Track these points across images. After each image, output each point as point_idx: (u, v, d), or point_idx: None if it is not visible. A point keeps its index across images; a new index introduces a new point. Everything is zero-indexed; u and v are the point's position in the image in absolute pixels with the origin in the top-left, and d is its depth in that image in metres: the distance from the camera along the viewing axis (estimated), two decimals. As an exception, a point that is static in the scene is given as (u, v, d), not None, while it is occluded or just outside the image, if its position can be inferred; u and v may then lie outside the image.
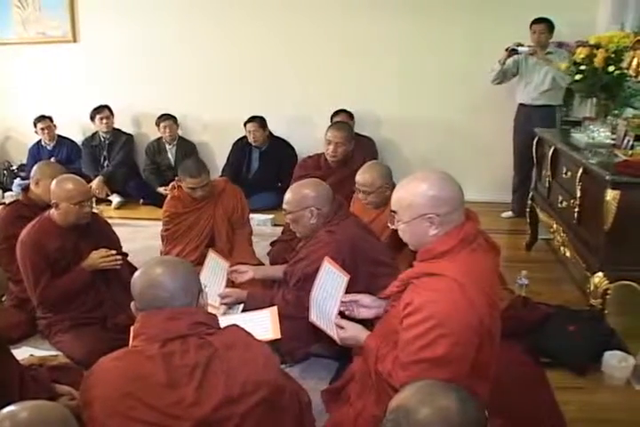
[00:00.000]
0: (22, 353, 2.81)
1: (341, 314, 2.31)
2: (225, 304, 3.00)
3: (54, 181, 3.04)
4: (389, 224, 2.04)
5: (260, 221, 5.13)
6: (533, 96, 5.08)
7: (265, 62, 6.00)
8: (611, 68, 3.60)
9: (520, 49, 4.95)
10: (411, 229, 1.93)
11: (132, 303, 1.73)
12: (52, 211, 3.06)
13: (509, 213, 5.46)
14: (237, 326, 1.77)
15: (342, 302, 2.32)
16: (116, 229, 3.54)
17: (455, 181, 1.95)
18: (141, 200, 6.03)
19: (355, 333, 2.16)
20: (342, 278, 2.38)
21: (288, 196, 2.90)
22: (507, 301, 3.27)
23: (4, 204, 4.35)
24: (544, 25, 4.90)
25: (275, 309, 2.65)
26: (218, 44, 6.05)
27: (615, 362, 2.86)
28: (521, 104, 5.22)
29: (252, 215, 4.39)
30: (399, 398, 1.38)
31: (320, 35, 5.82)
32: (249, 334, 1.76)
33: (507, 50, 4.99)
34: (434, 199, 1.87)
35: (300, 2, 5.80)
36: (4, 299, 3.43)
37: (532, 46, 4.92)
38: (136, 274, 1.74)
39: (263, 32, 5.93)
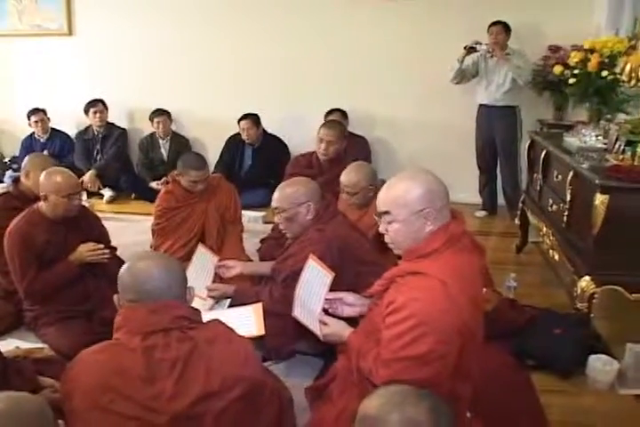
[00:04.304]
0: (8, 345, 2.82)
1: (325, 311, 2.31)
2: (212, 297, 3.00)
3: (43, 174, 3.03)
4: (380, 230, 2.01)
5: (252, 218, 5.13)
6: (496, 97, 5.18)
7: (260, 60, 6.00)
8: (604, 73, 3.62)
9: (478, 47, 5.06)
10: (407, 227, 1.90)
11: (115, 296, 1.73)
12: (41, 203, 3.05)
13: (483, 213, 5.54)
14: (219, 321, 1.77)
15: (326, 299, 2.31)
16: (108, 224, 3.54)
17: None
18: (133, 195, 6.02)
19: (337, 329, 2.16)
20: (327, 277, 2.38)
21: (280, 194, 2.88)
22: (494, 303, 3.26)
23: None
24: (500, 26, 5.02)
25: (259, 305, 2.64)
26: (213, 41, 6.06)
27: (600, 366, 2.86)
28: (482, 105, 5.32)
29: (243, 212, 4.38)
30: (368, 407, 1.34)
31: (315, 34, 5.84)
32: (231, 329, 1.76)
33: (465, 48, 5.09)
34: (429, 194, 1.88)
35: (295, 0, 5.82)
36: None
37: (490, 45, 5.03)
38: (123, 267, 1.74)
39: (259, 29, 5.94)
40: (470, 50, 5.09)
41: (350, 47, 5.78)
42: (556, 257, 3.54)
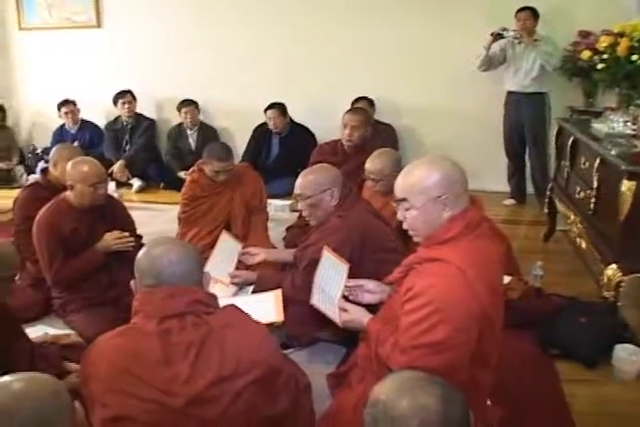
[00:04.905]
0: (37, 331, 2.87)
1: (346, 298, 2.30)
2: (234, 284, 3.02)
3: (70, 163, 3.08)
4: (398, 217, 2.00)
5: (278, 207, 5.15)
6: (525, 83, 5.12)
7: (287, 49, 6.02)
8: (634, 57, 3.55)
9: (505, 33, 5.01)
10: (424, 214, 1.89)
11: (132, 281, 1.75)
12: (68, 192, 3.11)
13: (512, 201, 5.50)
14: (235, 306, 1.78)
15: (346, 286, 2.31)
16: (136, 213, 3.58)
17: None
18: (162, 184, 6.09)
19: (357, 316, 2.16)
20: (343, 267, 2.37)
21: (303, 181, 2.88)
22: (519, 291, 3.23)
23: (28, 186, 4.41)
24: (528, 12, 4.96)
25: (279, 292, 2.65)
26: (240, 31, 6.07)
27: (626, 355, 2.82)
28: (510, 92, 5.26)
29: (270, 201, 4.41)
30: (380, 391, 1.34)
31: (340, 22, 5.82)
32: (246, 314, 1.77)
33: (492, 34, 5.03)
34: (446, 179, 1.86)
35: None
36: (17, 278, 3.49)
37: (517, 31, 4.98)
38: (141, 252, 1.76)
39: (285, 20, 5.95)
40: (497, 36, 5.03)
41: (376, 35, 5.75)
42: (584, 245, 3.50)
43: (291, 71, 6.05)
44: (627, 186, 2.83)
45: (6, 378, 1.29)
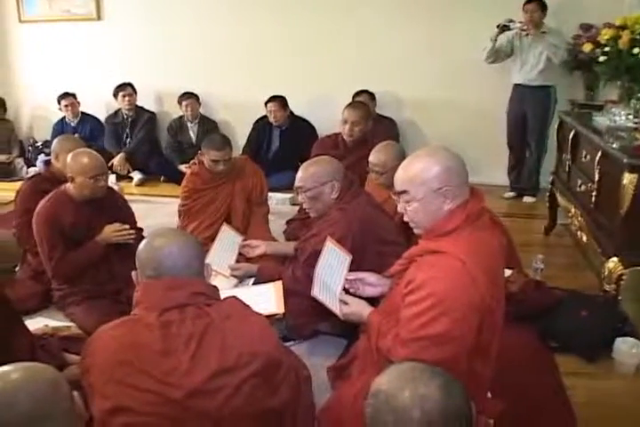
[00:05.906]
0: (37, 323, 2.88)
1: (347, 291, 2.30)
2: (234, 276, 3.02)
3: (70, 155, 3.07)
4: (399, 209, 1.99)
5: (279, 200, 5.15)
6: (530, 77, 5.10)
7: (287, 42, 6.00)
8: (635, 51, 3.54)
9: (512, 25, 4.97)
10: (425, 206, 1.88)
11: (134, 273, 1.75)
12: (68, 185, 3.10)
13: (511, 194, 5.49)
14: (235, 297, 1.77)
15: (347, 279, 2.31)
16: (137, 206, 3.58)
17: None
18: (162, 177, 6.08)
19: (358, 308, 2.15)
20: (345, 258, 2.37)
21: (303, 174, 2.88)
22: (519, 284, 3.22)
23: (28, 179, 4.41)
24: (535, 4, 4.91)
25: (279, 283, 2.65)
26: (241, 24, 6.06)
27: (626, 349, 2.83)
28: (516, 84, 5.24)
29: (270, 194, 4.40)
30: (381, 382, 1.34)
31: (341, 14, 5.81)
32: (247, 306, 1.76)
33: (498, 26, 5.01)
34: (446, 171, 1.84)
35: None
36: (17, 270, 3.49)
37: (523, 22, 4.94)
38: (142, 243, 1.75)
39: (286, 13, 5.93)
40: (504, 28, 5.00)
41: (378, 27, 5.73)
42: (585, 238, 3.49)
43: (291, 64, 6.02)
44: (628, 179, 2.82)
45: (4, 368, 1.29)
